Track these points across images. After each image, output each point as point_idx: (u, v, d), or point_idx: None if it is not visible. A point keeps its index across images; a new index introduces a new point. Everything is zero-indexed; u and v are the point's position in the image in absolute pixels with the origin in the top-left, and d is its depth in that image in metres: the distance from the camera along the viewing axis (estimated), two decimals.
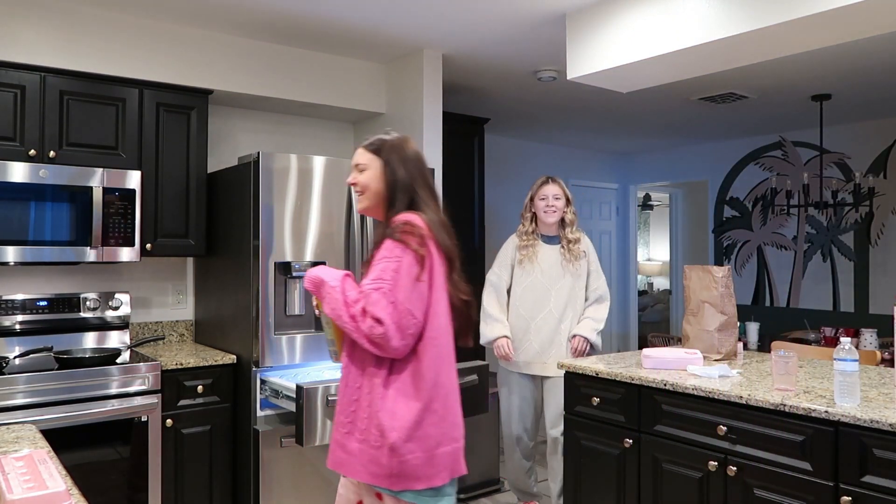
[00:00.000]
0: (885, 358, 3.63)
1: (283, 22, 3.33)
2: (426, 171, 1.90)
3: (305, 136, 4.13)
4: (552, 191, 3.25)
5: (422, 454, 1.66)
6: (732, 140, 6.31)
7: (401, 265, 1.68)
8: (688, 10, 2.73)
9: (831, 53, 3.70)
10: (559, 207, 3.25)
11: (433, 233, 1.75)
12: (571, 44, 3.20)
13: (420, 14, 3.23)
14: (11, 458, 1.39)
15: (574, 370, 2.75)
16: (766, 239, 6.09)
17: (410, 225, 1.72)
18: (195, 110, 3.36)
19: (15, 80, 2.90)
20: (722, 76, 4.13)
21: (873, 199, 5.27)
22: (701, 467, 2.30)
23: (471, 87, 4.45)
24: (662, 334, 5.71)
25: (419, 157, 1.89)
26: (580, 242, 3.29)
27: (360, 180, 1.89)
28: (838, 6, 2.29)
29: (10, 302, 3.09)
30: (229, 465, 3.11)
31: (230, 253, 3.23)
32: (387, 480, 1.66)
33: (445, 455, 1.70)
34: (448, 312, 1.77)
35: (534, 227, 3.33)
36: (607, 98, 4.56)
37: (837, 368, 2.03)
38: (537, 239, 3.31)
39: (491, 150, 5.58)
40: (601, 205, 7.02)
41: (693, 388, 2.33)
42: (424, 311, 1.70)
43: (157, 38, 3.29)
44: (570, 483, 2.79)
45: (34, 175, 2.87)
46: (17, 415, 2.57)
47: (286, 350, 3.02)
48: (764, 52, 2.80)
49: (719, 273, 2.82)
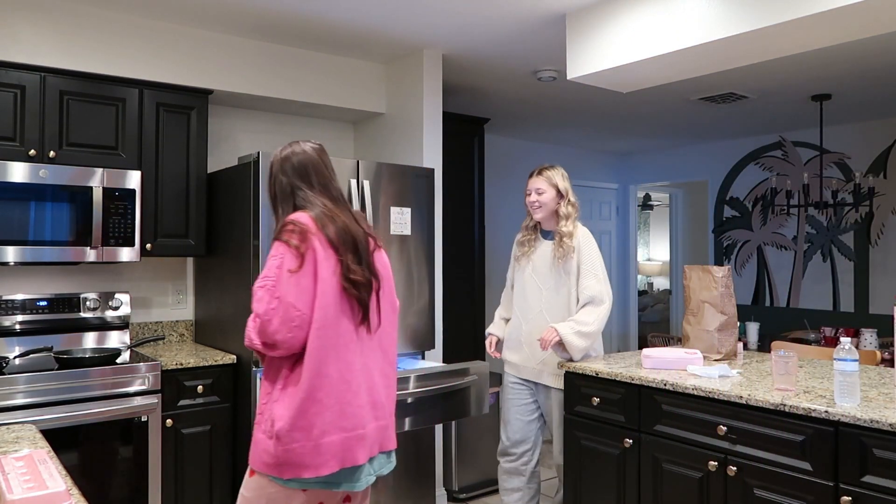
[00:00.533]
0: (885, 358, 3.63)
1: (284, 22, 3.33)
2: (313, 168, 1.94)
3: (305, 136, 4.13)
4: (535, 184, 2.97)
5: (307, 443, 1.71)
6: (732, 140, 6.31)
7: (283, 262, 1.76)
8: (688, 10, 2.73)
9: (831, 53, 3.70)
10: (544, 202, 2.95)
11: (318, 226, 1.80)
12: (571, 44, 3.20)
13: (420, 14, 3.23)
14: (11, 458, 1.39)
15: (574, 370, 2.75)
16: (766, 239, 6.09)
17: (292, 223, 1.80)
18: (195, 110, 3.36)
19: (15, 80, 2.90)
20: (722, 76, 4.13)
21: (873, 199, 5.27)
22: (701, 467, 2.30)
23: (471, 87, 4.45)
24: (662, 334, 5.71)
25: (304, 159, 1.94)
26: (573, 237, 2.92)
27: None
28: (838, 6, 2.29)
29: (10, 302, 3.09)
30: (229, 465, 3.11)
31: (230, 253, 3.23)
32: (276, 469, 1.72)
33: (333, 444, 1.73)
34: (339, 302, 1.79)
35: (536, 221, 3.09)
36: (607, 98, 4.56)
37: (837, 368, 2.03)
38: (537, 234, 3.07)
39: (491, 150, 5.58)
40: (601, 205, 7.02)
41: (693, 388, 2.33)
42: (310, 303, 1.75)
43: (157, 38, 3.29)
44: (570, 483, 2.79)
45: (34, 175, 2.87)
46: (17, 415, 2.57)
47: None
48: (764, 52, 2.80)
49: (719, 273, 2.82)
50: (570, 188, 2.99)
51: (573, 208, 2.96)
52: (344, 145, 4.29)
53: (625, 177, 7.25)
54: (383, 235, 3.27)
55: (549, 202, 2.95)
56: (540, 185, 2.96)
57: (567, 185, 2.98)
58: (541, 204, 2.96)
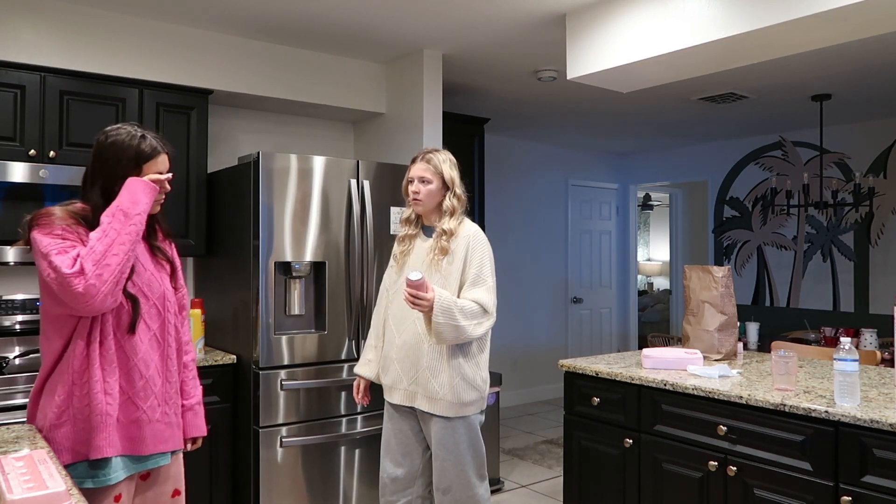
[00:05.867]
0: (885, 358, 3.63)
1: (284, 22, 3.33)
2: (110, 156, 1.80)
3: (305, 136, 4.13)
4: (418, 171, 2.44)
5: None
6: (732, 140, 6.31)
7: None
8: (688, 10, 2.73)
9: (831, 53, 3.70)
10: (426, 194, 2.42)
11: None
12: (571, 44, 3.20)
13: (420, 14, 3.23)
14: (11, 458, 1.39)
15: (574, 370, 2.75)
16: (766, 239, 6.09)
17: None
18: (195, 110, 3.36)
19: (15, 80, 2.90)
20: (722, 76, 4.13)
21: (873, 199, 5.27)
22: (701, 467, 2.30)
23: (471, 87, 4.45)
24: (662, 334, 5.71)
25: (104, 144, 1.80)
26: (456, 236, 2.40)
27: None
28: (838, 6, 2.29)
29: (10, 302, 3.09)
30: (229, 465, 3.11)
31: (230, 253, 3.23)
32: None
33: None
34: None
35: (416, 214, 2.54)
36: (607, 98, 4.56)
37: (837, 368, 2.03)
38: (419, 229, 2.53)
39: (491, 150, 5.58)
40: (601, 205, 7.02)
41: (693, 388, 2.33)
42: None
43: (157, 38, 3.29)
44: (570, 483, 2.79)
45: (34, 175, 2.87)
46: (17, 415, 2.57)
47: (286, 350, 3.02)
48: (764, 52, 2.80)
49: (719, 273, 2.82)
50: (457, 178, 2.46)
51: (459, 202, 2.44)
52: (344, 145, 4.29)
53: (625, 177, 7.25)
54: (383, 235, 3.27)
55: (434, 194, 2.44)
56: (424, 172, 2.44)
57: (454, 174, 2.46)
58: (421, 196, 2.43)
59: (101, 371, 1.71)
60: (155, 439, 1.80)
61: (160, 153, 1.83)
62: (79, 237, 1.68)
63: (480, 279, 2.38)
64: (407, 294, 2.24)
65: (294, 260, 3.03)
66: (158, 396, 1.82)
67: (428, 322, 2.28)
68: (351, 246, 3.18)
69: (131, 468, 1.78)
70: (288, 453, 2.99)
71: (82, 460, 1.69)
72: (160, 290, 1.85)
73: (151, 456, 1.82)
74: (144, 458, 1.81)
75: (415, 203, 2.45)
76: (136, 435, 1.77)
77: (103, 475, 1.70)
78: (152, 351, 1.82)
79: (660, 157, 6.98)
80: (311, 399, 3.06)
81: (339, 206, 3.15)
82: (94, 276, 1.60)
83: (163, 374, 1.84)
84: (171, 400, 1.87)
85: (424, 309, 2.24)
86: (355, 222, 3.19)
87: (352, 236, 3.18)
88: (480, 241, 2.42)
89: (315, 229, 3.08)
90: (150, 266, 1.86)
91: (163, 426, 1.82)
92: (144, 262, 1.84)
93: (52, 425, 1.68)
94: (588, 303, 6.86)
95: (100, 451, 1.69)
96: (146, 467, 1.82)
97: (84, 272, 1.59)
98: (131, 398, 1.76)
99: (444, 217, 2.43)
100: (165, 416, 1.83)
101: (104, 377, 1.71)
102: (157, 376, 1.82)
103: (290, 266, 3.04)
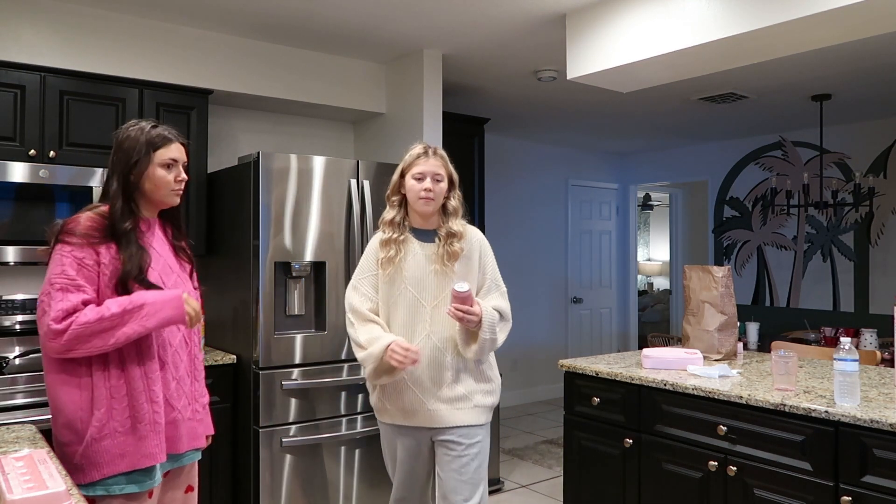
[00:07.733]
0: (885, 358, 3.63)
1: (283, 22, 3.33)
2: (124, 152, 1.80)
3: (305, 136, 4.13)
4: (433, 167, 2.24)
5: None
6: (732, 140, 6.31)
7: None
8: (688, 10, 2.73)
9: (831, 53, 3.70)
10: (439, 193, 2.25)
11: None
12: (571, 44, 3.20)
13: (420, 14, 3.23)
14: (11, 458, 1.39)
15: (574, 370, 2.75)
16: (766, 239, 6.09)
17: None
18: (195, 110, 3.36)
19: (15, 80, 2.90)
20: (722, 76, 4.13)
21: (873, 199, 5.27)
22: (701, 467, 2.30)
23: (471, 87, 4.45)
24: (662, 334, 5.71)
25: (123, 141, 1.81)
26: (464, 239, 2.28)
27: None
28: (838, 6, 2.29)
29: (10, 302, 3.09)
30: (229, 466, 3.11)
31: (230, 253, 3.23)
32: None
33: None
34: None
35: (404, 214, 2.31)
36: (607, 98, 4.56)
37: (837, 368, 2.03)
38: (407, 233, 2.30)
39: (491, 150, 5.58)
40: (601, 205, 7.02)
41: (693, 388, 2.33)
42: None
43: (157, 38, 3.29)
44: (570, 483, 2.79)
45: (34, 175, 2.87)
46: (17, 415, 2.57)
47: (286, 350, 3.02)
48: (764, 52, 2.80)
49: (719, 273, 2.82)
50: (456, 177, 2.34)
51: (461, 203, 2.31)
52: (344, 145, 4.29)
53: (625, 177, 7.25)
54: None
55: (443, 193, 2.27)
56: (439, 169, 2.25)
57: (454, 173, 2.34)
58: (435, 195, 2.23)
59: (145, 380, 1.73)
60: (189, 437, 1.86)
61: (172, 141, 1.85)
62: (96, 263, 1.68)
63: (496, 285, 2.31)
64: (454, 309, 2.08)
65: (294, 260, 3.03)
66: (188, 395, 1.87)
67: (468, 336, 2.17)
68: (351, 246, 3.18)
69: (167, 466, 1.83)
70: (288, 453, 2.99)
71: (131, 470, 1.69)
72: (185, 290, 1.87)
73: (186, 453, 1.88)
74: (180, 456, 1.86)
75: (426, 203, 2.23)
76: (174, 434, 1.81)
77: (150, 479, 1.74)
78: (182, 352, 1.87)
79: (660, 157, 6.98)
80: (311, 399, 3.06)
81: (339, 206, 3.15)
82: (67, 342, 1.62)
83: (191, 373, 1.90)
84: (199, 397, 1.93)
85: (472, 325, 2.12)
86: (355, 222, 3.19)
87: (352, 236, 3.18)
88: (488, 244, 2.36)
89: (315, 229, 3.08)
90: (177, 268, 1.89)
91: (195, 423, 1.89)
92: (171, 264, 1.87)
93: (93, 439, 1.67)
94: (588, 303, 6.86)
95: (153, 457, 1.72)
96: (181, 464, 1.88)
97: (64, 334, 1.61)
98: (168, 400, 1.80)
99: (451, 218, 2.28)
100: (196, 413, 1.90)
101: (148, 385, 1.73)
102: (186, 376, 1.87)
103: (290, 266, 3.04)
